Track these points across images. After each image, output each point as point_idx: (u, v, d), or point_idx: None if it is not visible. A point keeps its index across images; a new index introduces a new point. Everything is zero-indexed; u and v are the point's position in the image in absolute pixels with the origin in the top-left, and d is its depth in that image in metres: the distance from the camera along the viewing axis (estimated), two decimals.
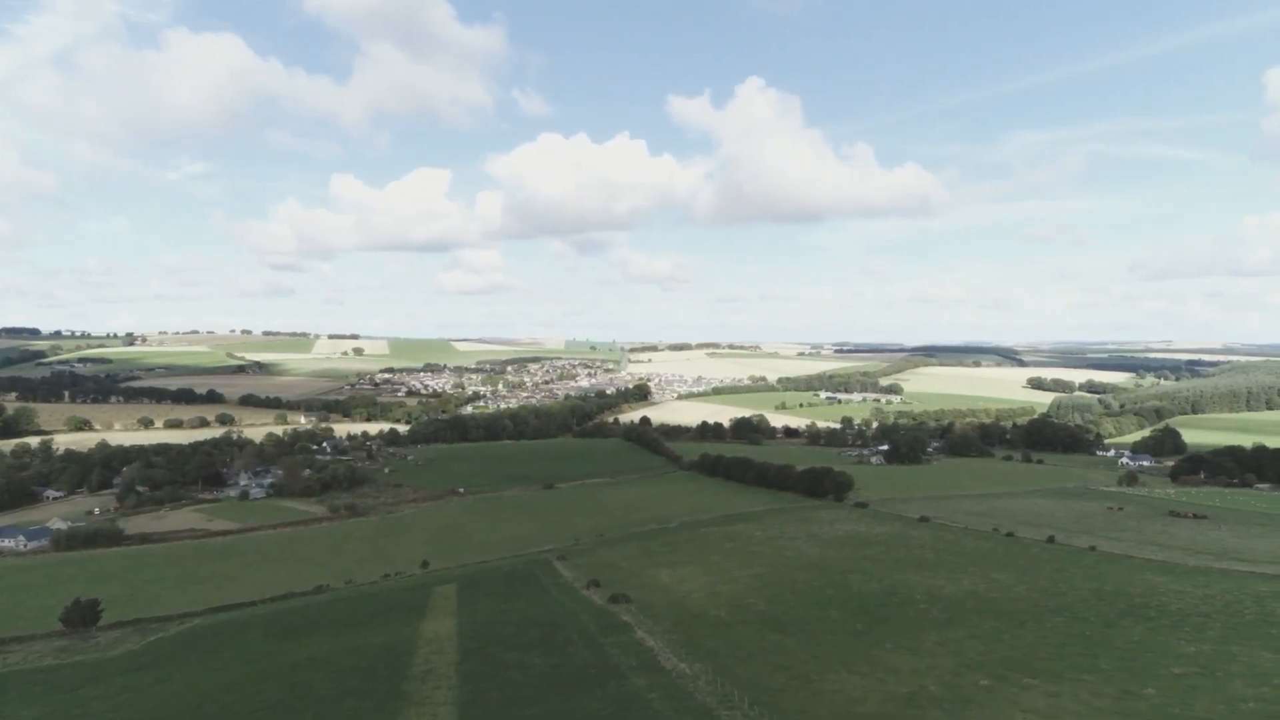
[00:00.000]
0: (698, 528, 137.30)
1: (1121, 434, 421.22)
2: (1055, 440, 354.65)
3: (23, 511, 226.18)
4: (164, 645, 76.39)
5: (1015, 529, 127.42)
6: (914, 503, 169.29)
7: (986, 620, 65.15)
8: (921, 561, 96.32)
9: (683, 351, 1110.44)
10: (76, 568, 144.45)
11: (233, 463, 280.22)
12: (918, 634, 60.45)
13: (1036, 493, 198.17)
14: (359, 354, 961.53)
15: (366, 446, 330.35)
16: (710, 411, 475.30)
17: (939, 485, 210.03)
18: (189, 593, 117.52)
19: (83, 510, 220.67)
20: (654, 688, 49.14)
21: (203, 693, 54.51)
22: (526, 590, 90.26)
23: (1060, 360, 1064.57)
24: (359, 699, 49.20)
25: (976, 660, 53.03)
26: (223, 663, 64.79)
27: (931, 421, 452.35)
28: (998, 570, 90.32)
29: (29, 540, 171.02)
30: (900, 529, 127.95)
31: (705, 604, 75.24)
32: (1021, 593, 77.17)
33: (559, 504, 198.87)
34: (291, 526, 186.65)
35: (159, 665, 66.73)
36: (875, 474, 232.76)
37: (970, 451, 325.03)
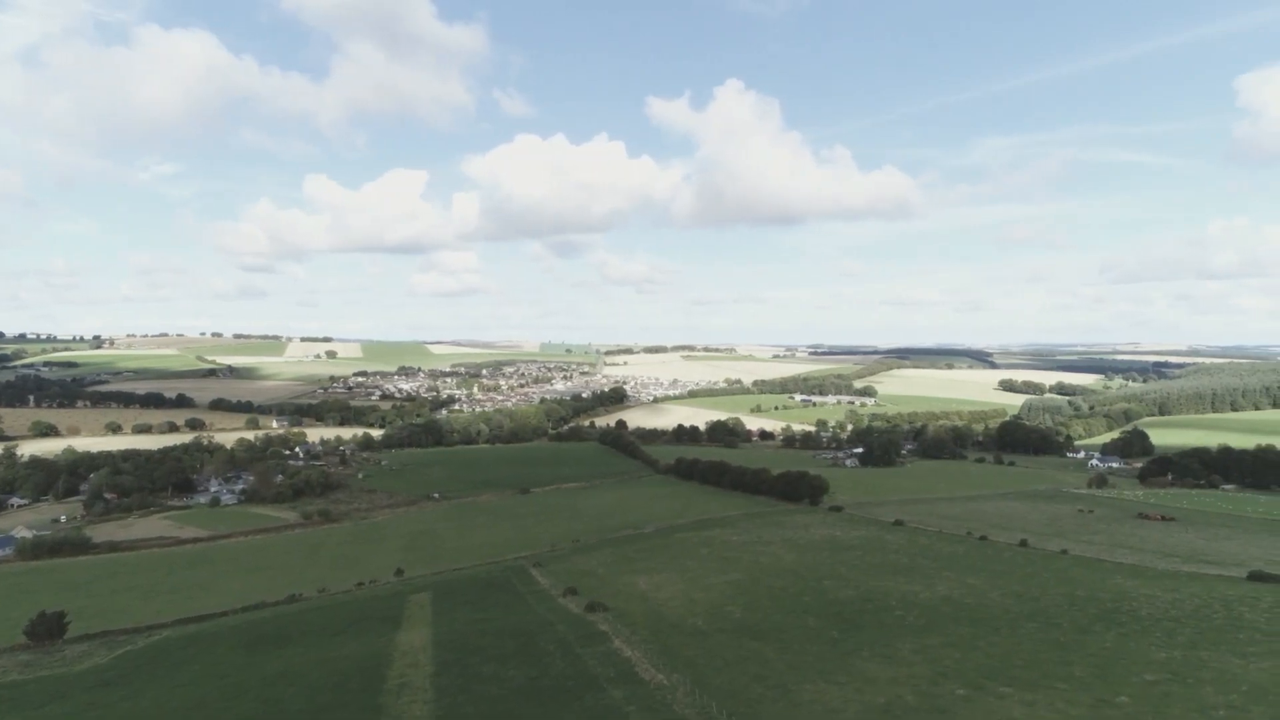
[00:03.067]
0: (674, 533, 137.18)
1: (1091, 435, 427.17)
2: (1026, 442, 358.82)
3: None
4: (132, 659, 74.92)
5: (988, 532, 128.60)
6: (888, 506, 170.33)
7: (962, 626, 65.55)
8: (897, 566, 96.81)
9: (658, 354, 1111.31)
10: (42, 578, 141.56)
11: (203, 469, 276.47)
12: (894, 641, 60.68)
13: (1009, 495, 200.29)
14: (332, 357, 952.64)
15: (340, 451, 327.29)
16: (686, 414, 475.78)
17: (913, 488, 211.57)
18: (158, 603, 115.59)
19: (49, 518, 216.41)
20: (632, 699, 48.92)
21: (172, 710, 53.46)
22: (502, 598, 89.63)
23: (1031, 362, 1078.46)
24: (334, 713, 48.53)
25: (953, 668, 53.30)
26: (193, 677, 63.61)
27: (905, 424, 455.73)
28: (972, 575, 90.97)
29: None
30: (875, 533, 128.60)
31: (682, 612, 75.09)
32: (995, 598, 77.75)
33: (534, 509, 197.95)
34: (263, 533, 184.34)
35: (127, 680, 65.38)
36: (850, 477, 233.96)
37: (943, 454, 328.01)
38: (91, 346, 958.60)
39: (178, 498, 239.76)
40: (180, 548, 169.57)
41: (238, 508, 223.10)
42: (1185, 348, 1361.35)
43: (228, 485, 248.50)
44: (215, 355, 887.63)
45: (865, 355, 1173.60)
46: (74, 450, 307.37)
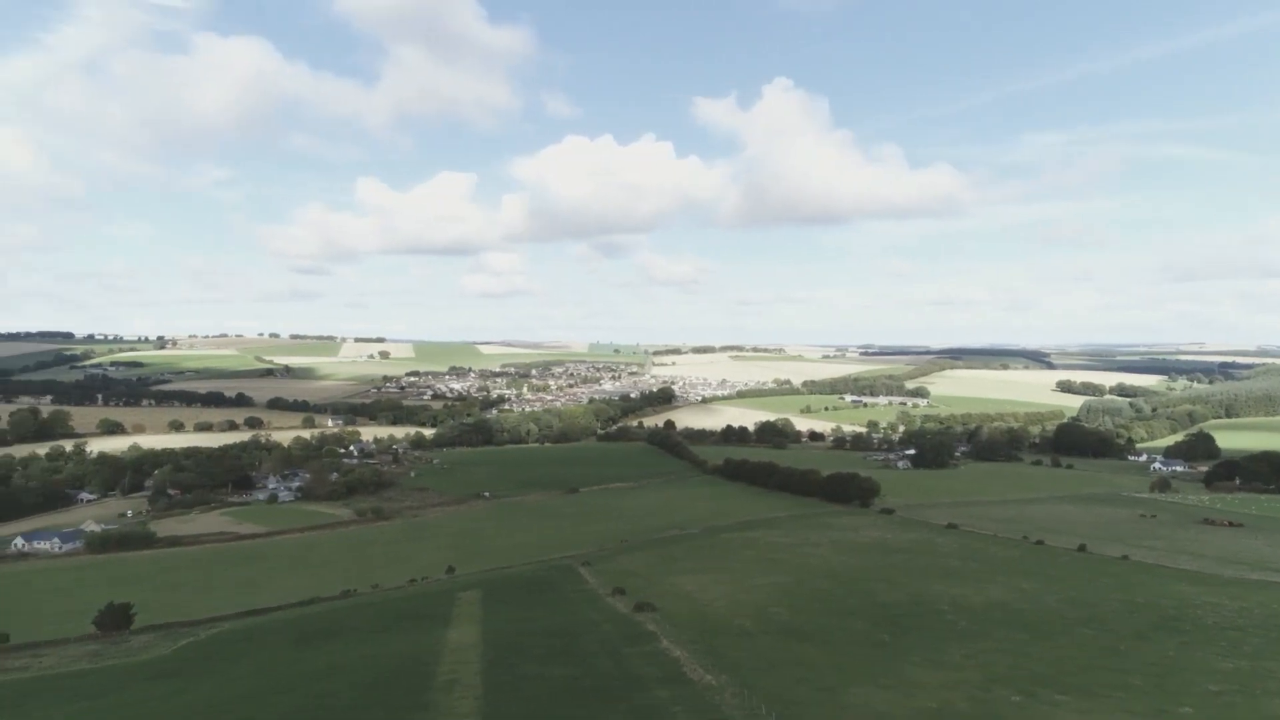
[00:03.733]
0: (720, 534, 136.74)
1: (1153, 438, 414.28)
2: (1085, 445, 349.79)
3: (57, 514, 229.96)
4: (192, 651, 77.15)
5: (1044, 536, 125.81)
6: (940, 509, 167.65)
7: (1015, 632, 64.19)
8: (948, 570, 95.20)
9: (706, 354, 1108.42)
10: (109, 570, 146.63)
11: (261, 466, 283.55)
12: (944, 646, 59.64)
13: (1065, 499, 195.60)
14: (385, 357, 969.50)
15: (392, 450, 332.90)
16: (734, 415, 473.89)
17: (966, 491, 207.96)
18: (217, 596, 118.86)
19: (115, 513, 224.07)
20: (678, 700, 48.76)
21: (225, 702, 54.88)
22: (550, 597, 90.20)
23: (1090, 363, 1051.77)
24: (382, 709, 49.24)
25: (1005, 674, 52.20)
26: (247, 670, 65.28)
27: (958, 425, 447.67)
28: (1026, 580, 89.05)
29: (63, 543, 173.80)
30: (926, 536, 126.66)
31: (729, 613, 74.76)
32: (1050, 603, 75.99)
33: (582, 509, 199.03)
34: (318, 530, 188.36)
35: (185, 672, 67.37)
36: (901, 479, 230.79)
37: (998, 456, 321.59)
38: (155, 347, 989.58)
39: (237, 494, 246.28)
40: (238, 543, 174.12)
41: (294, 505, 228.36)
42: (1253, 348, 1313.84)
43: (284, 483, 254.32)
44: (272, 355, 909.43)
45: (917, 355, 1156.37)
46: (139, 448, 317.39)
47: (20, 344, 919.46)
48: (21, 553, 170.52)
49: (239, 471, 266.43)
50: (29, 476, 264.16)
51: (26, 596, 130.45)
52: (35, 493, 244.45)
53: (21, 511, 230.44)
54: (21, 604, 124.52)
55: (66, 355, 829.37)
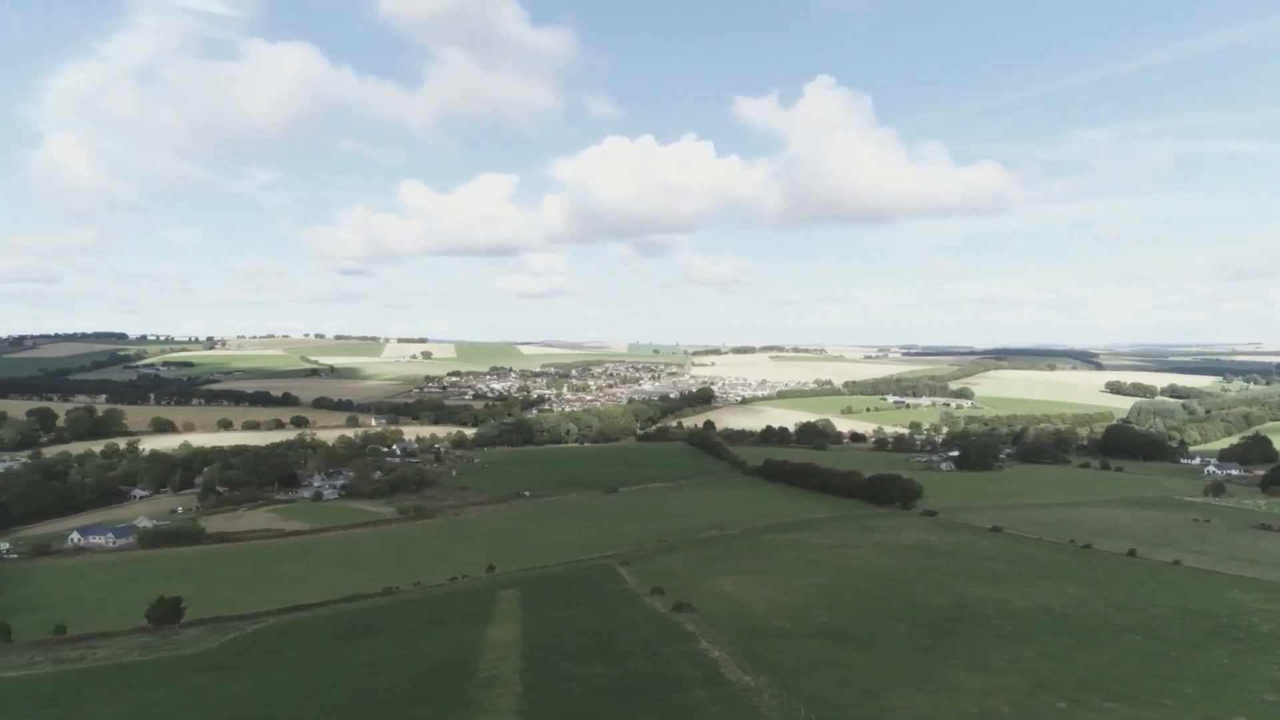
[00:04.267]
0: (760, 534, 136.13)
1: (1207, 441, 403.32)
2: (1135, 447, 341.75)
3: (111, 510, 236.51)
4: (239, 644, 78.75)
5: (1092, 540, 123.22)
6: (984, 511, 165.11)
7: (1061, 637, 62.98)
8: (992, 574, 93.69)
9: (746, 354, 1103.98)
10: (160, 565, 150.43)
11: (306, 465, 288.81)
12: (988, 650, 58.73)
13: (1115, 502, 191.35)
14: (427, 357, 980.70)
15: (434, 449, 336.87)
16: (775, 415, 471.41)
17: (1011, 493, 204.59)
18: (263, 592, 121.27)
19: (166, 509, 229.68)
20: (717, 700, 48.62)
21: (270, 695, 55.98)
22: (589, 596, 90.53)
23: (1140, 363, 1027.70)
24: (423, 705, 49.84)
25: (1050, 680, 51.25)
26: (292, 664, 66.51)
27: (1003, 427, 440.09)
28: (1073, 584, 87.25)
29: (117, 538, 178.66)
30: (970, 539, 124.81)
31: (768, 614, 74.41)
32: (1098, 609, 74.42)
33: (621, 509, 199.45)
34: (361, 528, 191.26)
35: (233, 665, 68.85)
36: (944, 481, 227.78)
37: (1044, 458, 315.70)
38: (205, 347, 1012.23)
39: (283, 492, 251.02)
40: (284, 540, 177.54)
41: (338, 502, 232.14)
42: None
43: (329, 481, 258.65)
44: (317, 355, 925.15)
45: (961, 356, 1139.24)
46: (189, 446, 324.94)
47: (77, 344, 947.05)
48: (78, 547, 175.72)
49: (285, 469, 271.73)
50: (85, 473, 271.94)
51: (82, 590, 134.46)
52: (91, 489, 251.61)
53: (78, 507, 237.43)
54: (77, 597, 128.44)
55: (120, 355, 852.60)
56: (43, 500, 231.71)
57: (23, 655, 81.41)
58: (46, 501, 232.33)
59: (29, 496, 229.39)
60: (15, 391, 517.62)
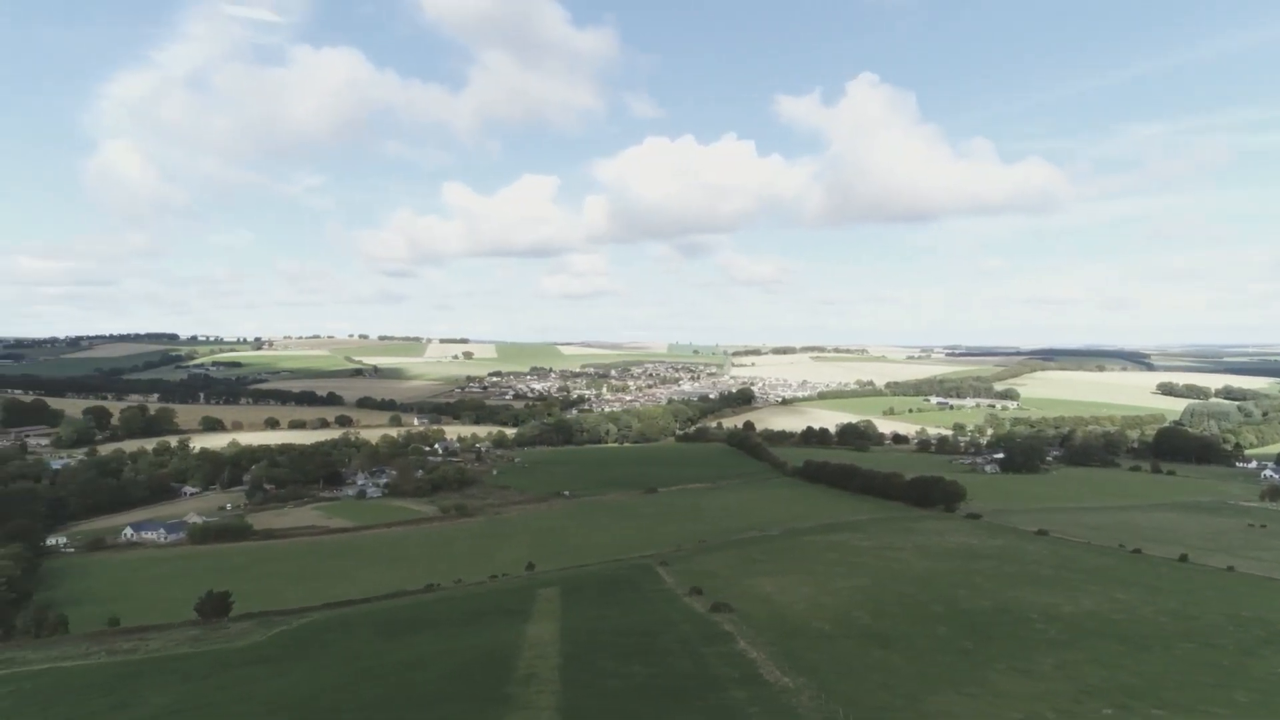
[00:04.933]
0: (800, 536, 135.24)
1: (1264, 444, 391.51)
2: (1187, 450, 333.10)
3: (162, 506, 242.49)
4: (285, 639, 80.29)
5: (1142, 545, 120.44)
6: (1030, 514, 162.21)
7: (1108, 643, 61.68)
8: (1037, 578, 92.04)
9: (787, 355, 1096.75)
10: (209, 560, 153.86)
11: (350, 463, 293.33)
12: (1032, 655, 57.74)
13: (1166, 506, 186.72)
14: (468, 358, 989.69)
15: (475, 449, 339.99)
16: (815, 416, 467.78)
17: (1058, 496, 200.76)
18: (308, 588, 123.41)
19: (215, 506, 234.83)
20: (755, 701, 48.45)
21: (315, 688, 57.02)
22: (627, 596, 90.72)
23: (1194, 364, 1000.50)
24: (463, 701, 50.38)
25: (1097, 687, 50.22)
26: (336, 659, 67.67)
27: (1050, 429, 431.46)
28: (1122, 589, 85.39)
29: (168, 533, 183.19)
30: (1014, 542, 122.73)
31: (807, 615, 73.94)
32: (1148, 615, 72.74)
33: (660, 509, 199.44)
34: (404, 526, 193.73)
35: (278, 659, 70.24)
36: (989, 483, 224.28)
37: (1093, 461, 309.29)
38: (253, 348, 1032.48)
39: (327, 490, 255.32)
40: (329, 537, 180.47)
41: (380, 501, 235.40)
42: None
43: (372, 479, 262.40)
44: (361, 356, 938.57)
45: (1007, 356, 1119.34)
46: (237, 444, 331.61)
47: (131, 345, 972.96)
48: (131, 542, 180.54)
49: (330, 468, 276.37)
50: (138, 470, 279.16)
51: (135, 583, 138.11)
52: (143, 486, 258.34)
53: (131, 503, 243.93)
54: (130, 590, 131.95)
55: (172, 356, 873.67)
56: (98, 496, 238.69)
57: (79, 646, 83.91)
58: (102, 497, 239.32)
59: (85, 492, 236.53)
60: (72, 390, 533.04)
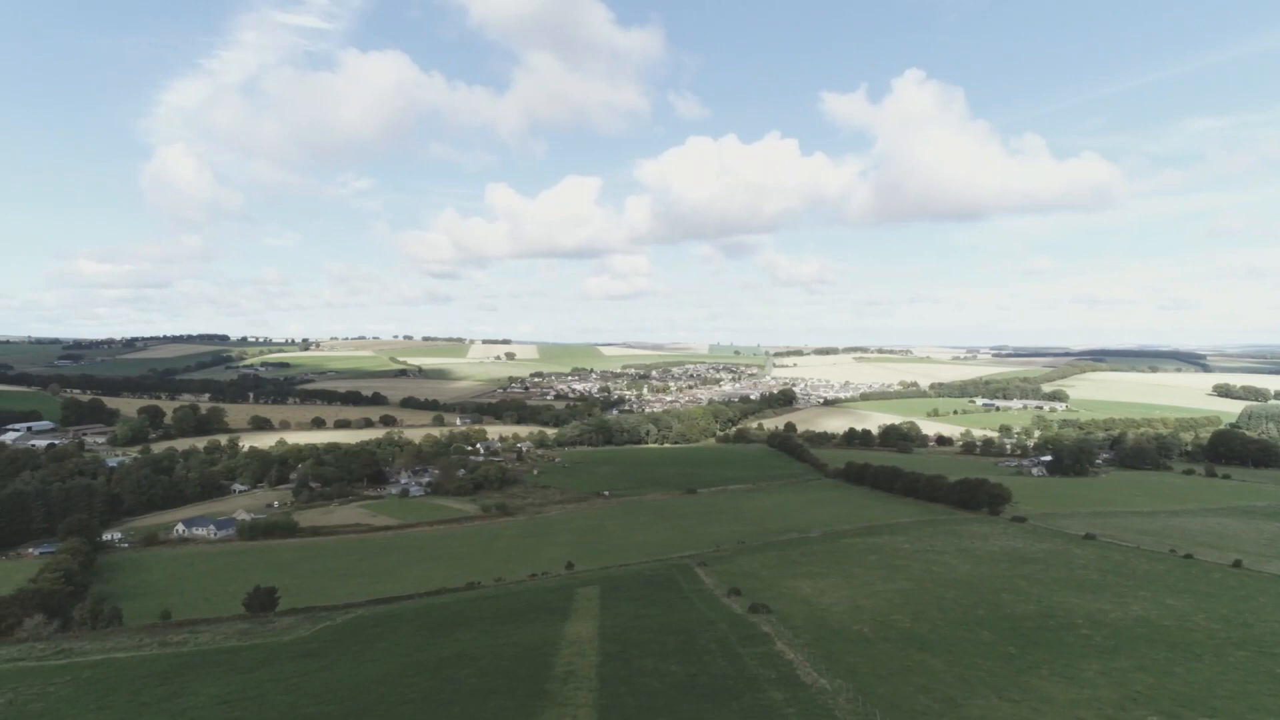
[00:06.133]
0: (841, 538, 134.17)
1: None
2: (1244, 454, 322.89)
3: (213, 503, 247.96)
4: (330, 634, 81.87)
5: (1195, 550, 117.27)
6: (1078, 519, 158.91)
7: (1157, 650, 60.32)
8: (1084, 583, 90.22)
9: (829, 356, 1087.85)
10: (257, 556, 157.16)
11: (394, 462, 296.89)
12: (1077, 661, 56.70)
13: (1220, 511, 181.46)
14: (510, 359, 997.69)
15: (516, 449, 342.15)
16: (857, 418, 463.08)
17: (1107, 500, 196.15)
18: (353, 584, 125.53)
19: (263, 503, 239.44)
20: (792, 702, 48.37)
21: (361, 682, 58.10)
22: (666, 596, 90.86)
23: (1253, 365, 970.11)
24: (503, 697, 51.01)
25: (1144, 694, 49.19)
26: (379, 654, 68.83)
27: (1100, 431, 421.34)
28: (1173, 596, 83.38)
29: (218, 529, 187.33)
30: (1061, 546, 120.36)
31: (847, 618, 73.42)
32: (1199, 622, 70.95)
33: (700, 510, 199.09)
34: (446, 524, 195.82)
35: (325, 653, 71.65)
36: (1035, 486, 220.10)
37: (1145, 464, 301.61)
38: (301, 349, 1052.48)
39: (372, 488, 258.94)
40: (373, 535, 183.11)
41: (424, 499, 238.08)
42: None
43: (416, 478, 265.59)
44: (406, 356, 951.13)
45: (1056, 357, 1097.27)
46: (285, 443, 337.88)
47: (184, 345, 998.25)
48: (183, 538, 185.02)
49: (374, 467, 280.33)
50: (189, 468, 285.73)
51: (187, 577, 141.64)
52: (194, 483, 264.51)
53: (183, 500, 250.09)
54: (182, 584, 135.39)
55: (223, 356, 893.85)
56: (152, 493, 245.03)
57: (133, 638, 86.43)
58: (155, 494, 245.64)
59: (139, 489, 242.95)
60: (128, 390, 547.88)
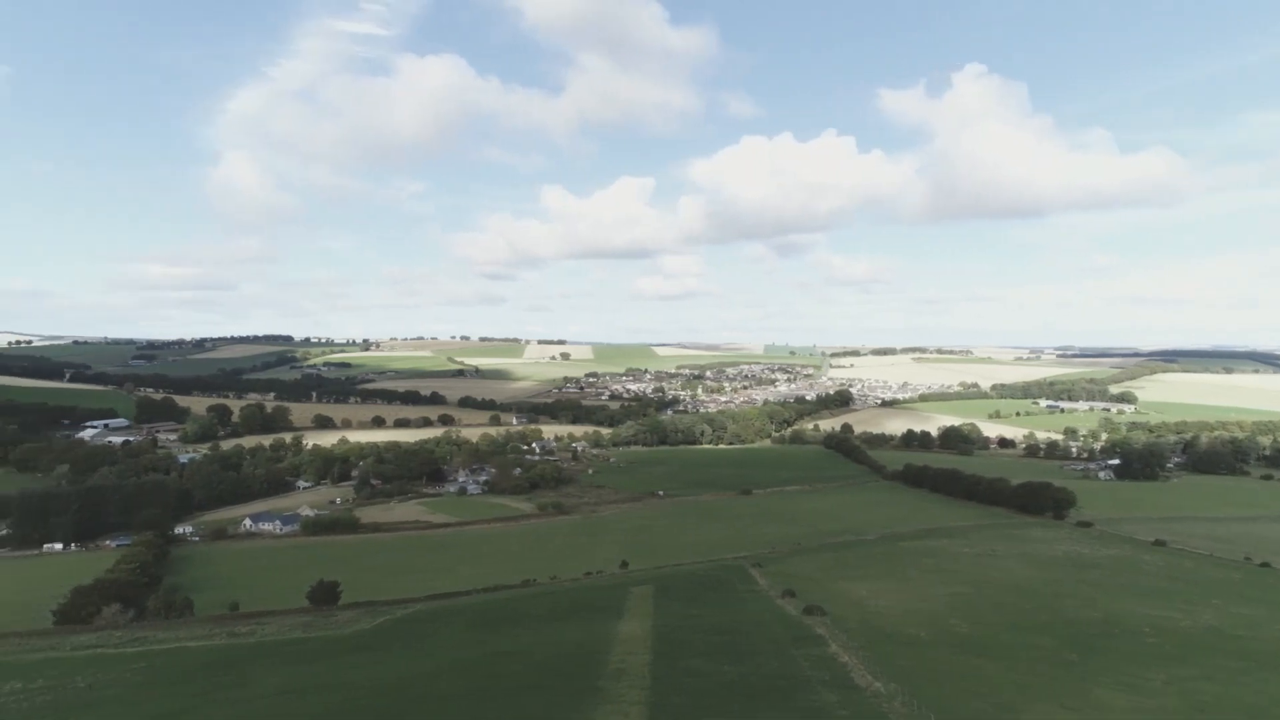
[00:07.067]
0: (897, 541, 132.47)
1: None
2: None
3: (278, 499, 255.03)
4: (389, 628, 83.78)
5: (1271, 558, 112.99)
6: (1147, 524, 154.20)
7: (1227, 660, 58.40)
8: (1151, 590, 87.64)
9: (886, 356, 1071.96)
10: (320, 551, 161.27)
11: (452, 460, 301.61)
12: (1141, 670, 55.20)
13: None
14: (565, 359, 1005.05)
15: (571, 448, 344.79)
16: (916, 419, 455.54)
17: (1178, 505, 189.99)
18: (411, 579, 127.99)
19: (326, 499, 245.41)
20: (845, 704, 48.07)
21: (418, 675, 59.41)
22: (720, 596, 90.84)
23: None
24: (555, 692, 51.67)
25: (1211, 704, 47.74)
26: (435, 648, 70.25)
27: (1171, 434, 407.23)
28: (1245, 604, 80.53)
29: (283, 525, 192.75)
30: (1128, 552, 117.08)
31: (902, 621, 72.56)
32: (1274, 632, 68.47)
33: (754, 510, 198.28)
34: (502, 522, 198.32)
35: (383, 646, 73.41)
36: (1102, 491, 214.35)
37: (1218, 469, 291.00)
38: (361, 349, 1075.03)
39: (430, 486, 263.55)
40: (431, 531, 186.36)
41: (480, 497, 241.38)
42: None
43: (473, 476, 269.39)
44: (463, 357, 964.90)
45: (1124, 358, 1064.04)
46: (346, 441, 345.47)
47: (250, 346, 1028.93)
48: (249, 532, 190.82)
49: (432, 465, 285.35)
50: (255, 465, 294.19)
51: (253, 571, 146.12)
52: (260, 479, 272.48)
53: (249, 495, 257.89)
54: (249, 577, 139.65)
55: (287, 357, 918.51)
56: (220, 488, 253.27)
57: (203, 627, 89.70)
58: (223, 490, 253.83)
59: (208, 485, 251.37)
60: (198, 389, 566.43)
